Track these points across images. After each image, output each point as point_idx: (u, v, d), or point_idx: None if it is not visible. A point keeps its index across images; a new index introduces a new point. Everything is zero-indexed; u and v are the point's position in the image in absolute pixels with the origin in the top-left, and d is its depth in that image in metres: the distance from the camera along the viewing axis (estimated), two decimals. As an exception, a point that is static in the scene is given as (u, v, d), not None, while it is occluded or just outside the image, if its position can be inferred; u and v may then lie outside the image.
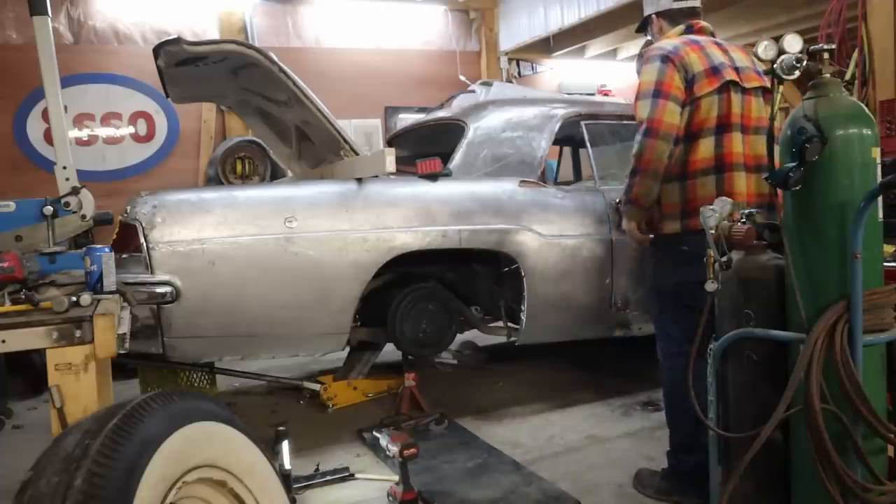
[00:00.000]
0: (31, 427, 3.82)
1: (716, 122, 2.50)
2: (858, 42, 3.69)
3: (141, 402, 1.51)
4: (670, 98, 2.46)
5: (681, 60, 2.49)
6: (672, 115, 2.45)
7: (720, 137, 2.50)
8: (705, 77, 2.49)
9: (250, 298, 3.02)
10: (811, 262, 1.88)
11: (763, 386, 1.98)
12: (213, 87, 3.97)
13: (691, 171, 2.52)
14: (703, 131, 2.50)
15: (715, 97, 2.49)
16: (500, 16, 7.67)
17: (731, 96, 2.51)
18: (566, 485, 2.77)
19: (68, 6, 6.15)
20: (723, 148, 2.49)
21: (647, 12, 2.88)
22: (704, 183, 2.50)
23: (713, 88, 2.48)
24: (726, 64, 2.54)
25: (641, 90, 2.53)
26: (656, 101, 2.46)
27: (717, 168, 2.50)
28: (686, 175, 2.53)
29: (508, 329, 3.75)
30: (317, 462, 3.02)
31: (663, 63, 2.49)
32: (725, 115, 2.50)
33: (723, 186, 2.47)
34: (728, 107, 2.50)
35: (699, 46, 2.56)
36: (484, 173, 3.60)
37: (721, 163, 2.49)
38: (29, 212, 2.42)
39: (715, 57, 2.54)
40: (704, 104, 2.49)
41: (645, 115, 2.48)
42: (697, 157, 2.51)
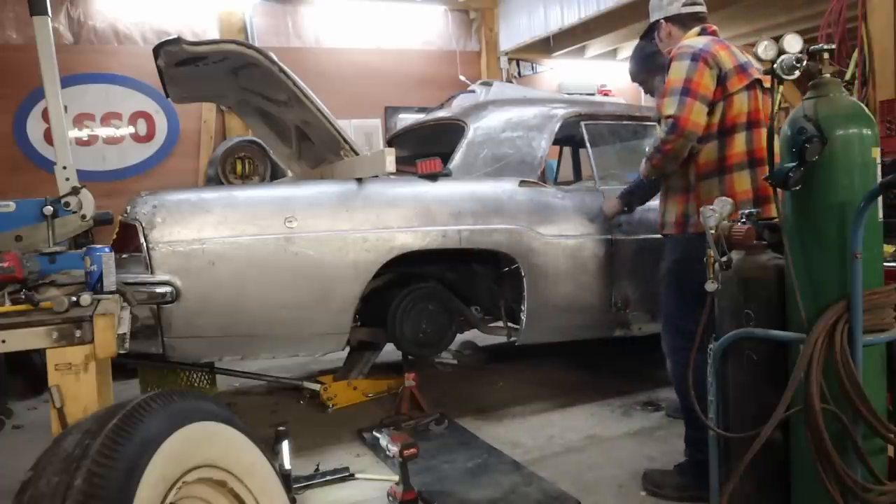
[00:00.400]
0: (31, 427, 3.82)
1: (746, 118, 2.55)
2: (858, 42, 3.69)
3: (141, 402, 1.51)
4: (698, 97, 2.49)
5: (713, 58, 2.53)
6: (699, 114, 2.49)
7: (750, 133, 2.55)
8: (735, 74, 2.54)
9: (250, 298, 3.02)
10: (811, 262, 1.88)
11: (763, 386, 1.98)
12: (213, 87, 3.97)
13: (728, 165, 2.55)
14: (736, 126, 2.55)
15: (745, 94, 2.55)
16: (500, 16, 7.67)
17: (757, 94, 2.57)
18: (566, 485, 2.77)
19: (68, 6, 6.15)
20: (753, 143, 2.54)
21: (655, 17, 2.88)
22: (740, 177, 2.54)
23: (743, 86, 2.54)
24: (751, 63, 2.60)
25: (670, 86, 2.53)
26: (684, 98, 2.49)
27: (750, 163, 2.54)
28: (724, 170, 2.56)
29: (508, 329, 3.75)
30: (317, 462, 3.02)
31: (693, 61, 2.52)
32: (754, 111, 2.56)
33: (756, 181, 2.51)
34: (756, 104, 2.56)
35: (726, 45, 2.61)
36: (484, 173, 3.59)
37: (753, 158, 2.54)
38: (29, 212, 2.42)
39: (740, 56, 2.60)
40: (737, 101, 2.54)
41: (672, 112, 2.49)
42: (734, 151, 2.55)
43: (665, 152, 2.57)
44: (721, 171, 2.57)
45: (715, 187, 2.56)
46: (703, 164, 2.59)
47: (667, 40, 2.86)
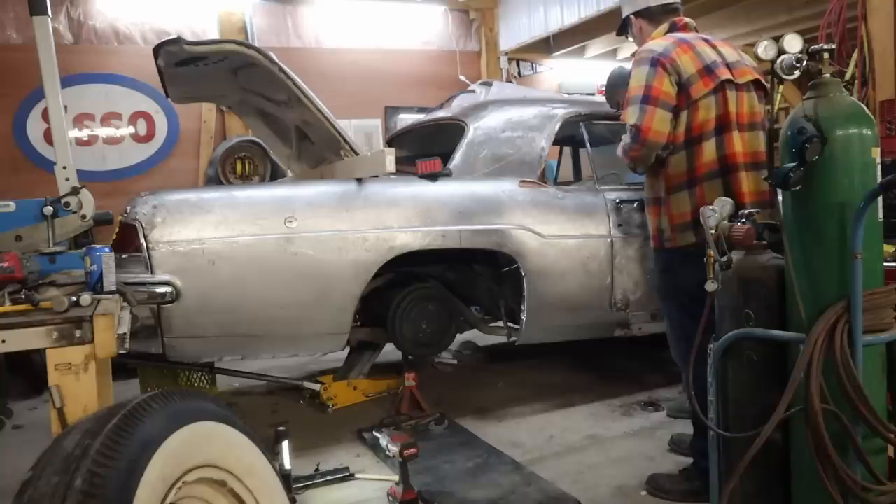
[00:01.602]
0: (31, 427, 3.82)
1: (715, 123, 2.46)
2: (858, 42, 3.69)
3: (141, 402, 1.51)
4: (659, 104, 2.40)
5: (672, 63, 2.43)
6: (661, 122, 2.41)
7: (721, 138, 2.46)
8: (700, 79, 2.43)
9: (250, 298, 3.02)
10: (811, 262, 1.88)
11: (763, 386, 1.98)
12: (213, 87, 3.97)
13: (698, 175, 2.47)
14: (703, 134, 2.45)
15: (712, 98, 2.45)
16: (500, 16, 7.66)
17: (726, 95, 2.46)
18: (566, 485, 2.77)
19: (68, 6, 6.15)
20: (725, 149, 2.45)
21: (626, 13, 2.82)
22: (711, 186, 2.44)
23: (709, 90, 2.43)
24: (719, 62, 2.49)
25: (631, 94, 2.46)
26: (644, 107, 2.41)
27: (722, 170, 2.45)
28: (693, 181, 2.47)
29: (508, 329, 3.75)
30: (317, 462, 3.01)
31: (653, 67, 2.43)
32: (724, 114, 2.46)
33: (730, 188, 2.42)
34: (725, 106, 2.46)
35: (690, 46, 2.50)
36: (484, 173, 3.59)
37: (724, 164, 2.45)
38: (29, 212, 2.42)
39: (707, 56, 2.49)
40: (702, 106, 2.44)
41: (633, 121, 2.43)
42: (702, 161, 2.46)
43: (632, 159, 2.53)
44: (691, 184, 2.48)
45: (686, 200, 2.48)
46: (672, 177, 2.51)
47: (639, 36, 2.78)
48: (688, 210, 2.48)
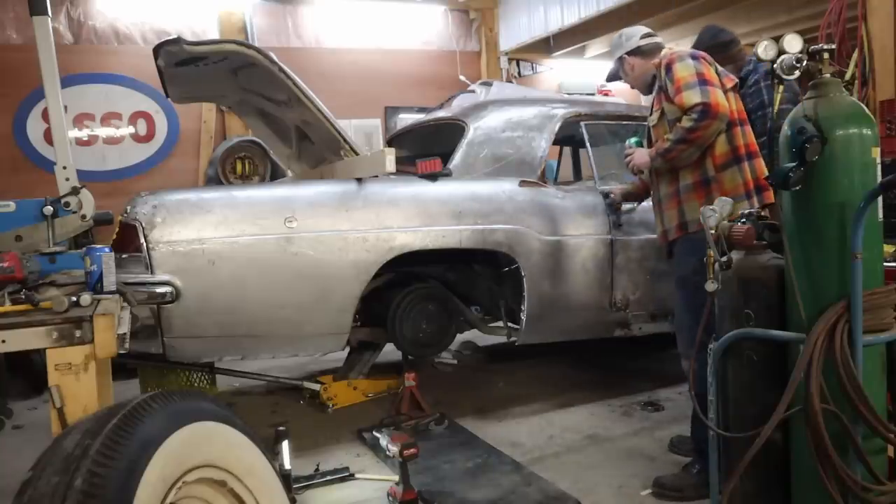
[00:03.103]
0: (31, 427, 3.82)
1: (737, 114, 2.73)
2: (858, 42, 3.69)
3: (141, 402, 1.51)
4: (716, 85, 2.63)
5: (707, 58, 2.71)
6: (724, 98, 2.62)
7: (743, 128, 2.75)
8: (725, 76, 2.74)
9: (250, 298, 3.02)
10: (811, 262, 1.88)
11: (763, 386, 1.98)
12: (213, 87, 3.97)
13: (741, 155, 2.70)
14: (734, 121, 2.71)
15: (731, 94, 2.73)
16: (500, 16, 7.66)
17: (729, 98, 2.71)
18: (566, 485, 2.77)
19: (68, 6, 6.15)
20: (747, 137, 2.74)
21: (618, 55, 3.01)
22: (749, 166, 2.70)
23: (731, 85, 2.74)
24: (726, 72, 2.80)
25: (685, 81, 2.63)
26: (705, 87, 2.60)
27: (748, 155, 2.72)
28: (739, 159, 2.70)
29: (508, 329, 3.75)
30: (317, 462, 3.02)
31: (695, 60, 2.68)
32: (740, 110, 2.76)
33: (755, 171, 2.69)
34: (739, 104, 2.77)
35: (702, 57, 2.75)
36: (484, 173, 3.59)
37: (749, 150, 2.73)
38: (29, 212, 2.42)
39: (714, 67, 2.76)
40: (730, 97, 2.70)
41: (699, 99, 2.58)
42: (740, 142, 2.71)
43: (693, 140, 2.63)
44: (738, 160, 2.70)
45: (737, 174, 2.69)
46: (719, 156, 2.70)
47: (632, 73, 3.00)
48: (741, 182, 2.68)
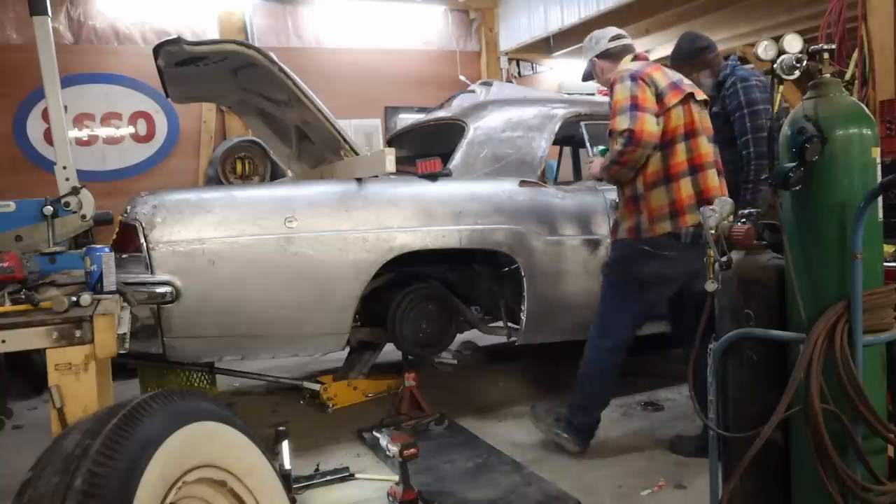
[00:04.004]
0: (31, 427, 3.82)
1: (683, 129, 2.83)
2: (858, 42, 3.69)
3: (141, 402, 1.51)
4: (647, 110, 2.75)
5: (648, 77, 2.82)
6: (651, 124, 2.75)
7: (689, 143, 2.84)
8: (670, 90, 2.83)
9: (250, 298, 3.02)
10: (811, 262, 1.88)
11: (763, 386, 1.98)
12: (213, 87, 3.97)
13: (674, 173, 2.83)
14: (676, 137, 2.82)
15: (680, 108, 2.83)
16: (500, 16, 7.66)
17: (691, 107, 2.85)
18: (566, 485, 2.77)
19: (68, 6, 6.15)
20: (692, 152, 2.83)
21: (588, 57, 3.18)
22: (686, 184, 2.82)
23: (678, 100, 2.82)
24: (683, 80, 2.92)
25: (619, 105, 2.79)
26: (634, 113, 2.74)
27: (691, 170, 2.83)
28: (670, 178, 2.83)
29: (508, 329, 3.75)
30: (317, 462, 3.02)
31: (633, 81, 2.80)
32: (689, 122, 2.84)
33: (699, 185, 2.81)
34: (690, 116, 2.85)
35: (658, 66, 2.93)
36: (484, 173, 3.59)
37: (693, 165, 2.83)
38: (29, 212, 2.42)
39: (672, 75, 2.92)
40: (674, 114, 2.81)
41: (626, 125, 2.74)
42: (676, 160, 2.82)
43: (623, 163, 2.82)
44: (667, 180, 2.83)
45: (663, 194, 2.83)
46: (649, 175, 2.84)
47: (602, 75, 3.15)
48: (665, 203, 2.83)
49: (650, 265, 2.85)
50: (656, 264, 2.84)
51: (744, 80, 3.37)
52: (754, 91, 3.34)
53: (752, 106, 3.32)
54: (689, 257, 2.79)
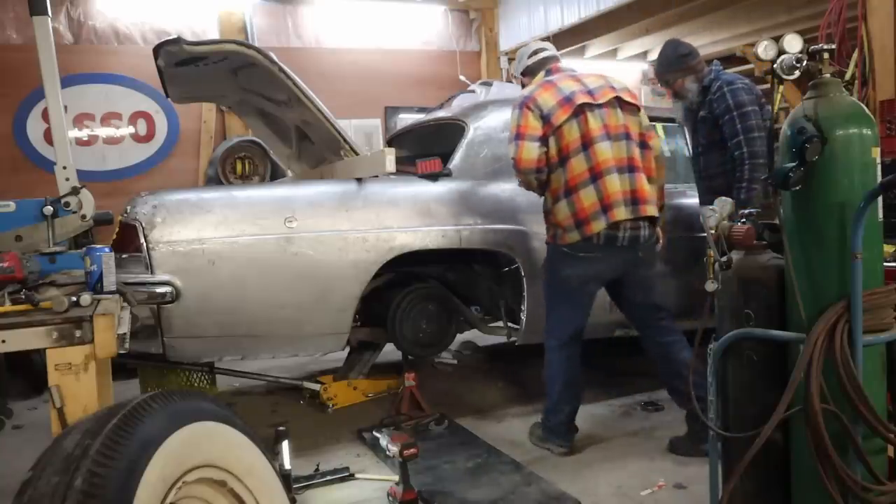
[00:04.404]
0: (31, 427, 3.82)
1: (580, 141, 2.94)
2: (858, 42, 3.69)
3: (141, 402, 1.51)
4: (527, 138, 2.94)
5: (534, 102, 2.96)
6: (529, 151, 2.94)
7: (587, 153, 2.93)
8: (559, 109, 2.94)
9: (250, 298, 3.02)
10: (811, 262, 1.88)
11: (763, 386, 1.98)
12: (213, 87, 3.97)
13: (572, 186, 2.95)
14: (572, 151, 2.95)
15: (573, 121, 2.94)
16: (500, 16, 7.65)
17: (587, 116, 2.95)
18: (566, 485, 2.78)
19: (68, 6, 6.15)
20: (593, 160, 2.93)
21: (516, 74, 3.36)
22: (586, 193, 2.93)
23: (568, 115, 2.93)
24: (577, 91, 2.98)
25: (510, 134, 3.01)
26: (517, 142, 2.96)
27: (593, 177, 2.93)
28: (569, 192, 2.96)
29: (508, 329, 3.75)
30: (317, 462, 3.01)
31: (520, 109, 2.98)
32: (586, 133, 2.94)
33: (602, 190, 2.91)
34: (587, 126, 2.94)
35: (552, 84, 3.03)
36: (484, 173, 3.59)
37: (595, 172, 2.93)
38: (29, 212, 2.42)
39: (566, 89, 2.99)
40: (566, 130, 2.94)
41: (511, 154, 2.99)
42: (574, 174, 2.95)
43: (521, 184, 3.11)
44: (568, 193, 2.97)
45: (566, 207, 2.97)
46: (554, 190, 3.02)
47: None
48: (568, 215, 2.97)
49: (570, 267, 3.01)
50: (576, 265, 3.00)
51: (730, 84, 3.40)
52: (741, 93, 3.37)
53: (741, 108, 3.34)
54: (608, 257, 2.98)
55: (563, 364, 3.11)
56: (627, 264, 3.02)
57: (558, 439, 3.13)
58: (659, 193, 3.14)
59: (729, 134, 3.39)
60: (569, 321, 3.10)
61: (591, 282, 3.05)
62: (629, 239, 2.96)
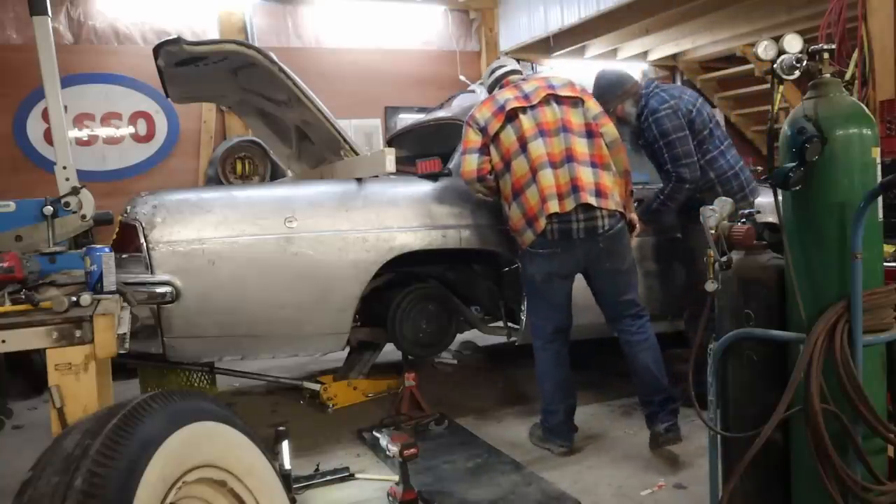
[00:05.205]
0: (31, 427, 3.82)
1: (518, 143, 3.04)
2: (858, 42, 3.69)
3: (141, 402, 1.51)
4: (468, 151, 3.11)
5: (473, 119, 3.13)
6: (469, 163, 3.10)
7: (526, 153, 3.02)
8: (493, 119, 3.08)
9: (250, 298, 3.02)
10: (811, 262, 1.88)
11: (763, 386, 1.98)
12: (213, 87, 3.97)
13: (517, 189, 3.04)
14: (512, 155, 3.05)
15: (508, 127, 3.06)
16: (500, 16, 7.65)
17: (520, 119, 3.05)
18: (566, 485, 2.78)
19: (68, 6, 6.15)
20: (530, 159, 3.01)
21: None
22: (530, 192, 3.00)
23: (501, 122, 3.06)
24: (512, 97, 3.10)
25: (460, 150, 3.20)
26: (461, 156, 3.15)
27: (533, 176, 3.00)
28: (516, 194, 3.05)
29: (508, 329, 3.75)
30: (317, 462, 3.01)
31: (465, 126, 3.16)
32: (521, 135, 3.03)
33: (538, 186, 2.97)
34: (521, 128, 3.04)
35: (491, 98, 3.19)
36: (484, 173, 3.59)
37: (532, 170, 3.00)
38: (29, 212, 2.42)
39: (501, 99, 3.12)
40: (503, 137, 3.06)
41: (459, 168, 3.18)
42: (517, 176, 3.04)
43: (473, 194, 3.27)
44: (516, 195, 3.05)
45: (517, 209, 3.05)
46: (505, 196, 3.11)
47: None
48: (520, 215, 3.04)
49: (533, 265, 3.08)
50: (537, 263, 3.06)
51: (654, 113, 3.41)
52: (664, 122, 3.37)
53: (665, 137, 3.36)
54: (565, 251, 3.00)
55: (549, 363, 3.15)
56: (590, 257, 3.01)
57: (558, 439, 3.13)
58: (623, 179, 3.12)
59: (659, 163, 3.46)
60: (546, 319, 3.14)
61: (555, 277, 3.05)
62: (585, 230, 2.96)
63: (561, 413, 3.13)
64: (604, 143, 3.08)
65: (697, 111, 3.44)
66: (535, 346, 3.20)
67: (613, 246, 3.03)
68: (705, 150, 3.43)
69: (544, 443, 3.19)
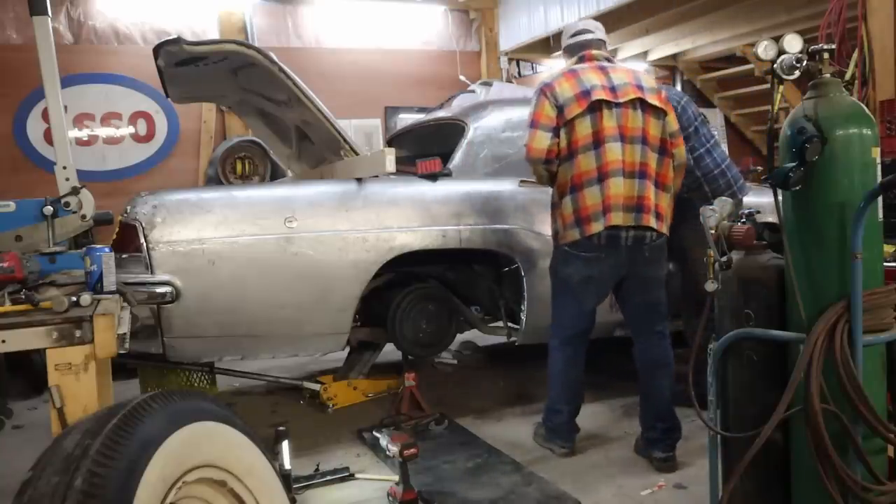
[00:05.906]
0: (31, 427, 3.81)
1: (592, 138, 2.82)
2: (858, 42, 3.69)
3: (141, 402, 1.51)
4: (539, 126, 2.85)
5: (552, 91, 2.86)
6: (540, 140, 2.84)
7: (598, 151, 2.82)
8: (575, 101, 2.82)
9: (250, 298, 3.02)
10: (811, 262, 1.88)
11: (763, 386, 1.98)
12: (213, 87, 3.97)
13: (577, 183, 2.86)
14: (580, 148, 2.83)
15: (587, 117, 2.82)
16: (500, 16, 7.66)
17: (602, 113, 2.81)
18: (566, 485, 2.77)
19: (68, 6, 6.15)
20: (601, 160, 2.81)
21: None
22: (591, 192, 2.84)
23: (583, 109, 2.81)
24: (599, 86, 2.84)
25: (527, 121, 2.92)
26: (531, 130, 2.88)
27: (599, 178, 2.82)
28: (574, 188, 2.87)
29: (508, 329, 3.75)
30: (317, 462, 3.01)
31: (537, 96, 2.90)
32: (598, 131, 2.82)
33: (604, 191, 2.81)
34: (601, 123, 2.82)
35: (574, 74, 2.89)
36: (484, 173, 3.59)
37: (601, 172, 2.82)
38: (29, 212, 2.42)
39: (587, 81, 2.86)
40: (578, 125, 2.82)
41: (524, 143, 2.92)
42: (581, 170, 2.84)
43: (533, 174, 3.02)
44: (573, 189, 2.87)
45: (570, 204, 2.88)
46: (560, 185, 2.93)
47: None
48: (571, 211, 2.88)
49: (571, 266, 2.95)
50: (577, 265, 2.93)
51: None
52: None
53: None
54: (610, 257, 2.88)
55: (564, 363, 3.08)
56: (633, 262, 2.90)
57: (560, 440, 3.13)
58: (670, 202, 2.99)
59: None
60: (569, 321, 3.04)
61: (594, 282, 2.94)
62: (633, 238, 2.86)
63: (565, 414, 3.11)
64: (672, 164, 2.93)
65: (682, 108, 3.37)
66: (550, 344, 3.12)
67: (656, 255, 2.95)
68: (691, 148, 3.29)
69: (547, 442, 3.17)
